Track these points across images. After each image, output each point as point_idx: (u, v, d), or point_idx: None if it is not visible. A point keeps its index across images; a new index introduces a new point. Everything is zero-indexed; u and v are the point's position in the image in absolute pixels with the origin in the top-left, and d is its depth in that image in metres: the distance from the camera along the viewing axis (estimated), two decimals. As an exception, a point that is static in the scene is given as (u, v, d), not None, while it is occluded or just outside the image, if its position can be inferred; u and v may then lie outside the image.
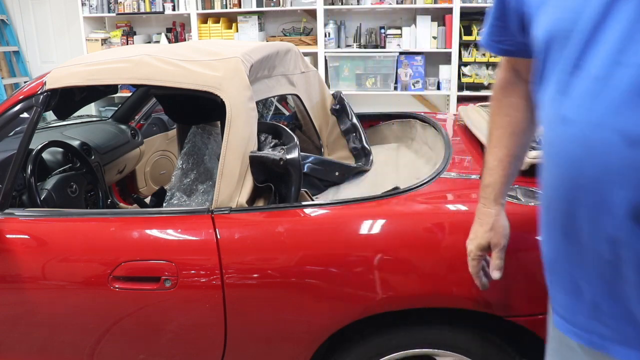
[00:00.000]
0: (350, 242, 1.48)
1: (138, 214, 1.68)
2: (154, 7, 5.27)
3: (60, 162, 2.31)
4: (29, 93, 1.81)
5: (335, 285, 1.47)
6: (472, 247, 1.27)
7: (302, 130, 2.43)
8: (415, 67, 4.85)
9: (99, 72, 1.78)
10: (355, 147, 2.34)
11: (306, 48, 4.96)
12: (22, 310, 1.67)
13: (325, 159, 2.12)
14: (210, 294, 1.51)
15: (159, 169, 3.07)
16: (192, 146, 2.30)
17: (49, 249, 1.63)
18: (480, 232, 1.25)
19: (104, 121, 2.94)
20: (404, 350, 1.54)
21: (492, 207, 1.23)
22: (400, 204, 1.54)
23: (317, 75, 2.46)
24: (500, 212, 1.24)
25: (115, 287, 1.55)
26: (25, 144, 1.74)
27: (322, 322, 1.50)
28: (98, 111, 5.38)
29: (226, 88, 1.63)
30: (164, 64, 1.72)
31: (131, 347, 1.64)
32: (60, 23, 6.08)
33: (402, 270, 1.45)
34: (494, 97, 1.23)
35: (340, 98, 2.46)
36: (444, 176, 1.65)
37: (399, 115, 2.58)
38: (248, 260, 1.50)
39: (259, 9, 5.00)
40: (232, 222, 1.54)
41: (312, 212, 1.55)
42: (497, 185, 1.22)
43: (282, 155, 1.57)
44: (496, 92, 1.22)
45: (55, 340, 1.68)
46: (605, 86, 0.80)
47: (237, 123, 1.60)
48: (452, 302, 1.45)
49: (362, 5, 4.88)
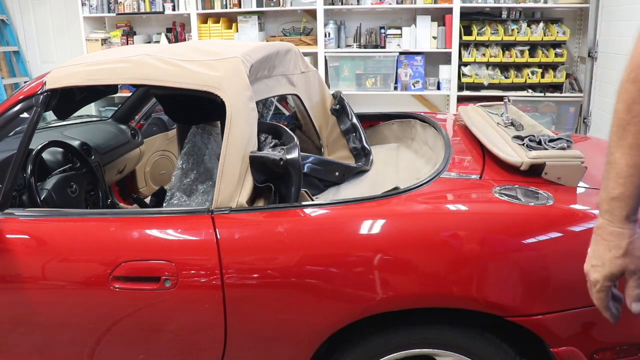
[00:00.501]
0: (350, 242, 1.48)
1: (138, 214, 1.68)
2: (154, 7, 5.28)
3: (60, 162, 2.31)
4: (29, 93, 1.81)
5: (335, 285, 1.46)
6: (598, 277, 1.02)
7: (302, 130, 2.43)
8: (415, 67, 4.86)
9: (99, 72, 1.78)
10: (355, 147, 2.34)
11: (306, 48, 4.96)
12: (22, 310, 1.67)
13: (325, 159, 2.12)
14: (210, 294, 1.51)
15: (159, 169, 3.07)
16: (192, 146, 2.30)
17: (49, 249, 1.62)
18: (609, 258, 1.00)
19: (104, 121, 2.94)
20: (404, 350, 1.54)
21: (625, 226, 0.99)
22: (400, 204, 1.54)
23: (317, 75, 2.46)
24: (635, 232, 1.00)
25: (115, 287, 1.55)
26: (25, 144, 1.74)
27: (322, 322, 1.50)
28: (98, 111, 5.38)
29: (226, 88, 1.63)
30: (164, 64, 1.72)
31: (131, 347, 1.64)
32: (60, 23, 6.08)
33: (402, 270, 1.45)
34: (633, 79, 0.95)
35: (340, 98, 2.46)
36: (444, 176, 1.65)
37: (399, 115, 2.59)
38: (248, 260, 1.50)
39: (259, 9, 5.00)
40: (232, 222, 1.54)
41: (312, 212, 1.55)
42: (631, 199, 0.97)
43: (282, 155, 1.57)
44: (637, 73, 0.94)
45: (55, 340, 1.68)
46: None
47: (237, 123, 1.60)
48: (452, 302, 1.45)
49: (362, 5, 4.88)
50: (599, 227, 1.02)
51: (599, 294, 1.04)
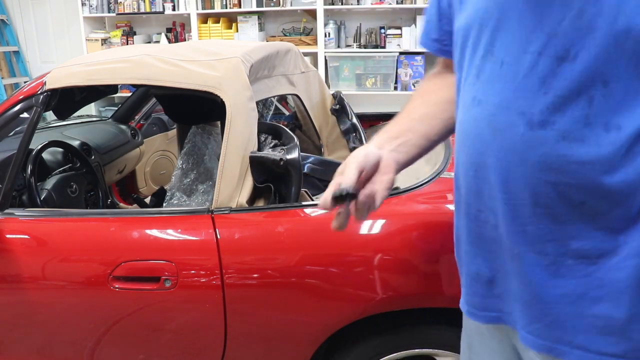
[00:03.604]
0: (350, 242, 1.48)
1: (138, 214, 1.68)
2: (154, 7, 5.27)
3: (60, 162, 2.31)
4: (29, 93, 1.81)
5: (335, 286, 1.47)
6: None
7: (302, 130, 2.43)
8: (415, 67, 4.86)
9: (98, 72, 1.78)
10: (355, 147, 2.34)
11: (306, 48, 4.96)
12: (22, 311, 1.67)
13: (325, 159, 2.12)
14: (210, 294, 1.51)
15: (159, 169, 3.07)
16: (192, 146, 2.30)
17: (49, 249, 1.63)
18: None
19: (104, 121, 2.94)
20: (404, 350, 1.54)
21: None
22: (400, 204, 1.54)
23: (317, 75, 2.46)
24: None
25: (115, 287, 1.55)
26: (25, 144, 1.74)
27: (322, 322, 1.50)
28: (98, 111, 5.38)
29: (226, 88, 1.63)
30: (163, 64, 1.72)
31: (131, 347, 1.64)
32: (60, 23, 6.08)
33: (402, 270, 1.45)
34: (420, 85, 1.16)
35: (340, 98, 2.46)
36: (444, 176, 1.65)
37: (399, 115, 2.58)
38: (248, 260, 1.50)
39: (259, 9, 5.00)
40: (232, 222, 1.54)
41: (312, 212, 1.55)
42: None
43: (282, 156, 1.57)
44: (424, 80, 1.17)
45: (55, 340, 1.68)
46: (510, 70, 0.83)
47: (237, 123, 1.60)
48: (452, 302, 1.45)
49: (362, 5, 4.88)
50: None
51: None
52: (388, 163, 0.99)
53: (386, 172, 0.98)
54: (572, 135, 0.79)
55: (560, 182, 0.81)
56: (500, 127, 0.85)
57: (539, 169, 0.82)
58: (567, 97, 0.79)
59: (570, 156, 0.79)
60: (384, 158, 0.99)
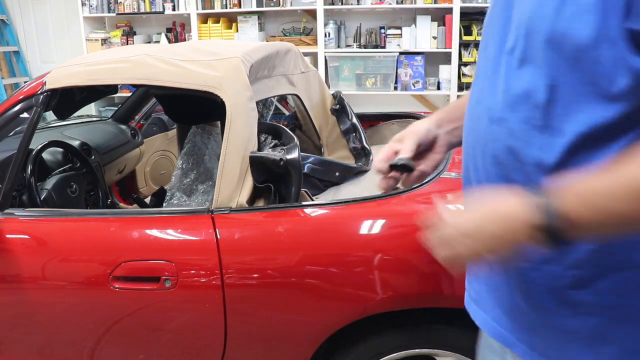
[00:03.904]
0: (350, 242, 1.48)
1: (138, 214, 1.68)
2: (154, 7, 5.27)
3: (60, 162, 2.31)
4: (29, 93, 1.81)
5: (335, 286, 1.46)
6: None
7: (302, 130, 2.43)
8: (415, 67, 4.85)
9: (98, 72, 1.78)
10: (355, 147, 2.34)
11: (306, 48, 4.96)
12: (22, 310, 1.67)
13: (325, 159, 2.12)
14: (210, 294, 1.51)
15: (159, 169, 3.07)
16: (192, 146, 2.30)
17: (49, 249, 1.63)
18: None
19: (104, 121, 2.94)
20: (404, 350, 1.54)
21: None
22: (400, 204, 1.54)
23: (317, 75, 2.46)
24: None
25: (115, 287, 1.55)
26: (25, 144, 1.74)
27: (322, 322, 1.50)
28: (98, 111, 5.38)
29: (226, 88, 1.63)
30: (164, 64, 1.72)
31: (131, 347, 1.64)
32: (60, 23, 6.08)
33: (402, 270, 1.45)
34: None
35: (340, 98, 2.45)
36: (444, 176, 1.65)
37: (399, 115, 2.58)
38: (248, 260, 1.50)
39: (259, 9, 5.00)
40: (232, 222, 1.54)
41: (312, 212, 1.55)
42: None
43: (282, 156, 1.57)
44: None
45: (55, 340, 1.68)
46: (489, 67, 0.88)
47: (237, 123, 1.60)
48: (452, 302, 1.45)
49: (362, 5, 4.88)
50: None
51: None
52: (442, 144, 1.08)
53: (439, 152, 1.08)
54: (518, 135, 0.81)
55: (508, 177, 0.83)
56: (474, 119, 0.91)
57: (492, 162, 0.85)
58: (519, 97, 0.81)
59: (517, 155, 0.82)
60: (440, 138, 1.08)
